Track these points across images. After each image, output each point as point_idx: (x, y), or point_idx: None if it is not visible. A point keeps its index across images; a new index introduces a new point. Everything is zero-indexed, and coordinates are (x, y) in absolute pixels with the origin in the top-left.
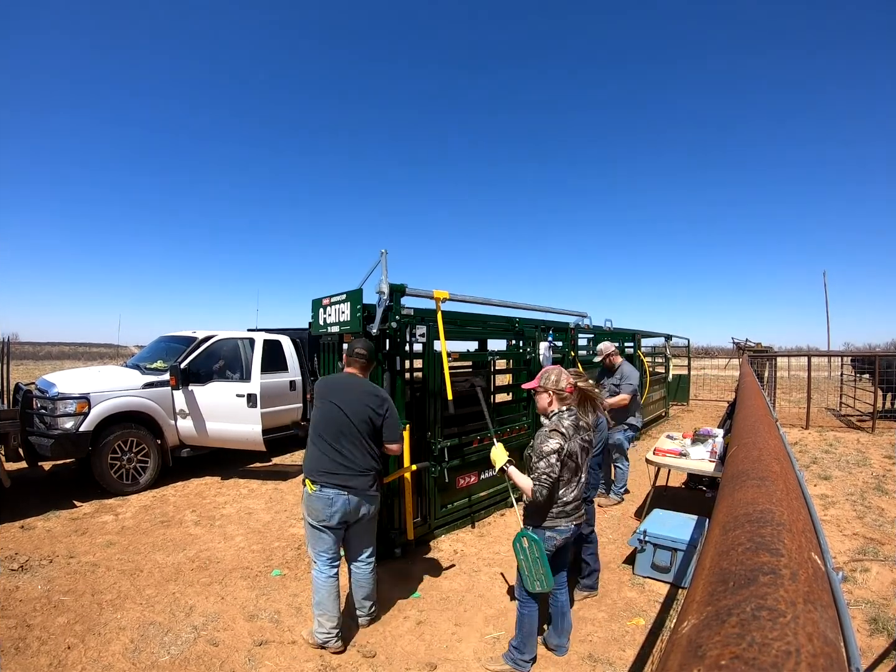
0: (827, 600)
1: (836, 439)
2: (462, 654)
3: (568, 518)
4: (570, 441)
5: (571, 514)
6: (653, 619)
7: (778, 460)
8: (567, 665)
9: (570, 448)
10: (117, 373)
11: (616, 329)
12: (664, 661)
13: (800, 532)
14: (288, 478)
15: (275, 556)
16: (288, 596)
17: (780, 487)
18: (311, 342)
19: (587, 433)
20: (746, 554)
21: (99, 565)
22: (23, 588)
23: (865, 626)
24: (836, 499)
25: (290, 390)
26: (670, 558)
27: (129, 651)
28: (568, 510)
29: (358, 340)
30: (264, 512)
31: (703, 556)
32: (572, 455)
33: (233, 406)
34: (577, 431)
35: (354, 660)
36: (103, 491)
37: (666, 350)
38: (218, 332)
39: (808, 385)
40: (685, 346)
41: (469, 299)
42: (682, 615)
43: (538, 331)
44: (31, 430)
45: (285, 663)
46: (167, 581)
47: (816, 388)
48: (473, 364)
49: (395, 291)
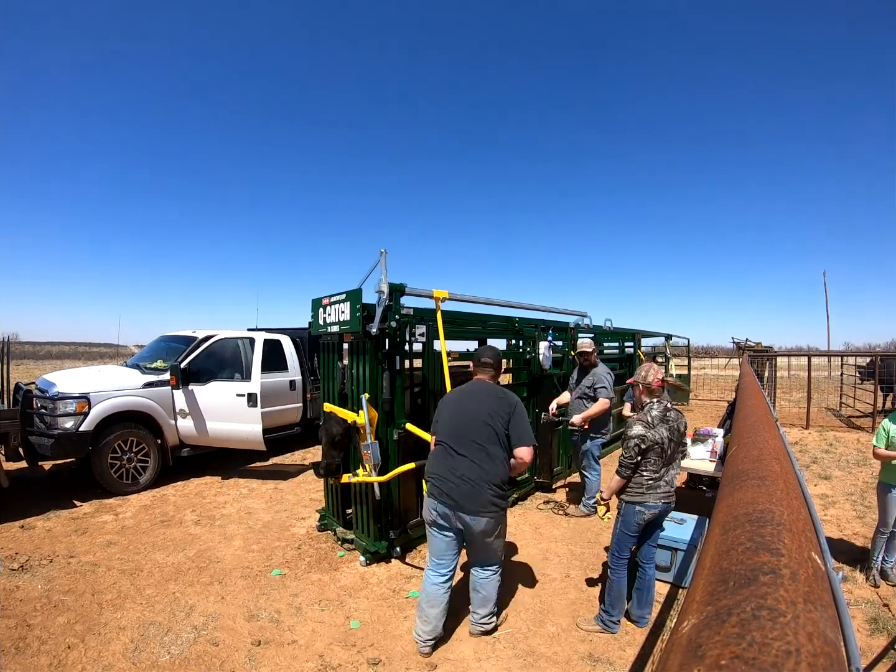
0: (827, 600)
1: (836, 439)
2: (462, 654)
3: (656, 495)
4: (654, 430)
5: (659, 492)
6: (653, 618)
7: (778, 460)
8: (567, 665)
9: (652, 436)
10: (117, 372)
11: (616, 329)
12: (664, 660)
13: (800, 532)
14: (288, 477)
15: (275, 555)
16: (288, 596)
17: (781, 487)
18: (311, 342)
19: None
20: (746, 554)
21: (99, 565)
22: (23, 588)
23: (865, 626)
24: (837, 498)
25: (290, 390)
26: (670, 558)
27: (129, 651)
28: (655, 487)
29: (485, 348)
30: (264, 512)
31: (703, 556)
32: (659, 442)
33: (233, 406)
34: (664, 421)
35: (354, 660)
36: (103, 491)
37: (666, 350)
38: (218, 331)
39: (808, 385)
40: (685, 345)
41: (469, 299)
42: (682, 615)
43: (538, 330)
44: (32, 429)
45: (285, 663)
46: (167, 581)
47: (816, 388)
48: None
49: (394, 291)
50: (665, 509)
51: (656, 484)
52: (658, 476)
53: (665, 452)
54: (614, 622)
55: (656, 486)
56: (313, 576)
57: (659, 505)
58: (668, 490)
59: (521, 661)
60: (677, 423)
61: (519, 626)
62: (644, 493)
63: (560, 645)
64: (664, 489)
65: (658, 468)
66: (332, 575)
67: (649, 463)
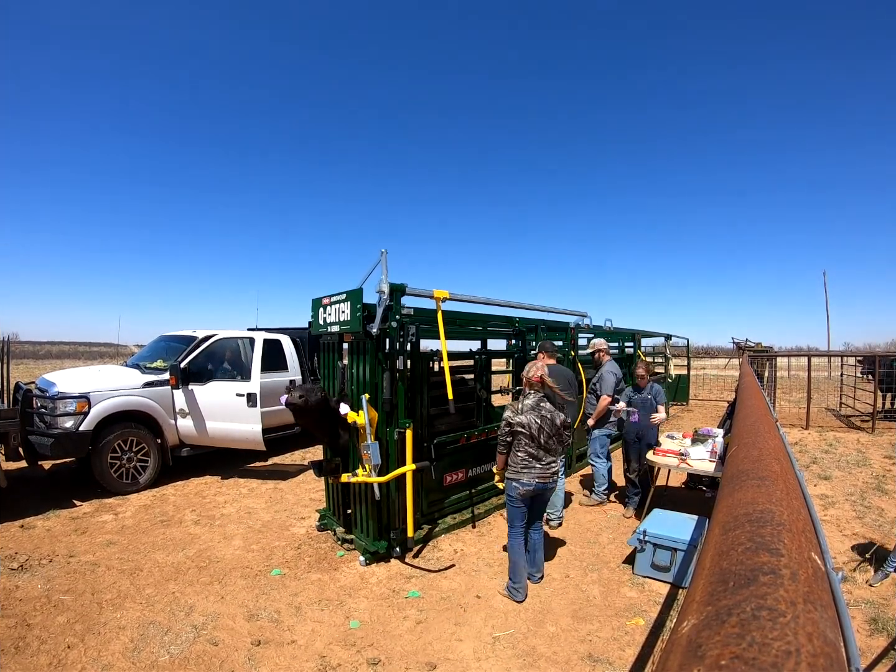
0: (827, 600)
1: (836, 439)
2: (462, 654)
3: (530, 474)
4: (521, 415)
5: (533, 472)
6: (653, 619)
7: (778, 460)
8: (567, 665)
9: (518, 420)
10: (117, 372)
11: (616, 329)
12: (664, 661)
13: (800, 532)
14: (288, 477)
15: (275, 555)
16: (288, 595)
17: (780, 487)
18: (311, 342)
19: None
20: (746, 554)
21: (99, 564)
22: (23, 587)
23: (865, 626)
24: (836, 499)
25: None
26: (670, 558)
27: (128, 650)
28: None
29: (546, 342)
30: (264, 511)
31: (703, 556)
32: (524, 426)
33: (233, 405)
34: (535, 410)
35: (354, 659)
36: (103, 490)
37: (666, 350)
38: (218, 331)
39: (808, 385)
40: (685, 345)
41: (469, 299)
42: (682, 615)
43: (538, 331)
44: (32, 429)
45: (285, 663)
46: (167, 580)
47: (816, 388)
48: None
49: (395, 291)
50: (540, 487)
51: (531, 465)
52: (532, 458)
53: (535, 438)
54: (516, 590)
55: (531, 466)
56: (313, 575)
57: (533, 483)
58: (542, 472)
59: (521, 661)
60: (552, 415)
61: (519, 626)
62: (519, 472)
63: (560, 645)
64: (538, 471)
65: (532, 450)
66: (332, 575)
67: (521, 444)
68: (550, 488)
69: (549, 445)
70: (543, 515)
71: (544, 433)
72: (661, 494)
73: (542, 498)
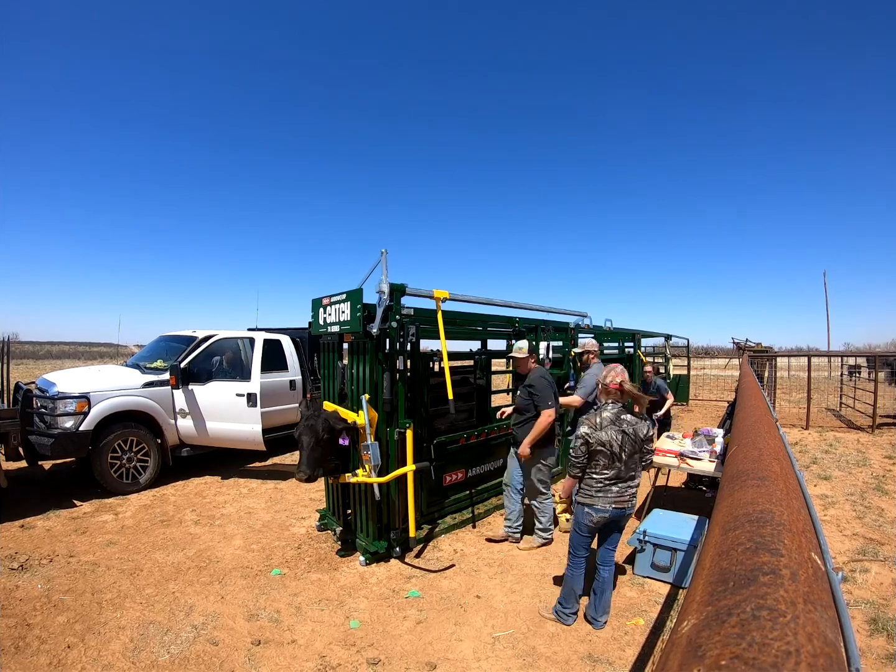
0: (827, 600)
1: (836, 439)
2: (462, 654)
3: (606, 499)
4: (601, 431)
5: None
6: (653, 619)
7: (778, 460)
8: (567, 665)
9: (598, 437)
10: (117, 372)
11: (616, 329)
12: (664, 661)
13: (800, 532)
14: (288, 477)
15: (275, 555)
16: (288, 595)
17: (780, 487)
18: (311, 342)
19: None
20: (746, 554)
21: (99, 564)
22: (23, 587)
23: (865, 626)
24: (836, 499)
25: (290, 390)
26: (670, 558)
27: (128, 650)
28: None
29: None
30: (264, 511)
31: (703, 556)
32: (605, 443)
33: (233, 405)
34: (615, 424)
35: (354, 659)
36: (103, 490)
37: (666, 350)
38: (218, 331)
39: (808, 385)
40: (685, 346)
41: (469, 299)
42: (682, 615)
43: (538, 331)
44: (32, 429)
45: (285, 663)
46: (167, 580)
47: (816, 388)
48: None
49: (395, 291)
50: (617, 514)
51: (607, 487)
52: (610, 480)
53: (616, 456)
54: (566, 614)
55: (607, 489)
56: (313, 575)
57: (609, 509)
58: (620, 495)
59: (521, 661)
60: (634, 428)
61: (519, 626)
62: (593, 496)
63: (560, 645)
64: (616, 494)
65: (609, 471)
66: (332, 575)
67: (598, 465)
68: (628, 514)
69: (632, 464)
70: (616, 547)
71: (626, 451)
72: (661, 494)
73: (618, 525)
